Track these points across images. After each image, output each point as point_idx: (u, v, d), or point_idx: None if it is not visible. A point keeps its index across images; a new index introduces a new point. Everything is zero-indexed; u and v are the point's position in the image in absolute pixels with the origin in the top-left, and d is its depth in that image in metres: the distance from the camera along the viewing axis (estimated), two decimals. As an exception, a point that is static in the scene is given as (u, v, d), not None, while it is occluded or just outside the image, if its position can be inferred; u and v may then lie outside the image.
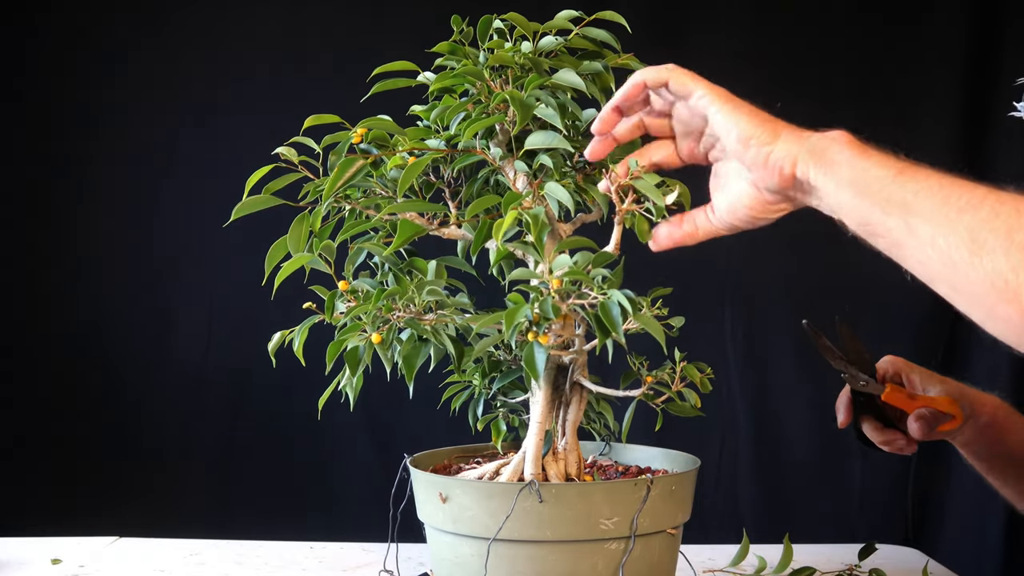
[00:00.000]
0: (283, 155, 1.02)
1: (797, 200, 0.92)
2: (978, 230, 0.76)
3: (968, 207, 0.77)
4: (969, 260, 0.76)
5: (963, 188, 0.79)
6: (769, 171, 0.89)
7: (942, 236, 0.78)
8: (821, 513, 2.08)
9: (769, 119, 0.91)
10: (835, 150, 0.87)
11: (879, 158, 0.85)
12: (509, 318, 0.91)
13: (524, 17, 1.03)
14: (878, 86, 2.09)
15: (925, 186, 0.81)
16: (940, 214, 0.78)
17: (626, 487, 0.99)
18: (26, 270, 2.08)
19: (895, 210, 0.81)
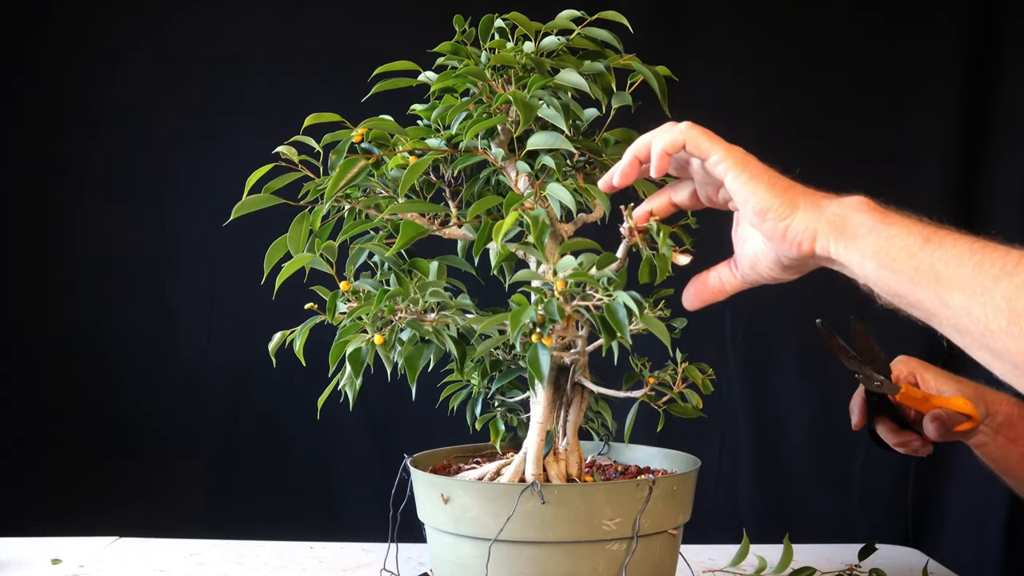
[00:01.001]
0: (283, 154, 1.02)
1: (820, 265, 0.90)
2: (1016, 298, 0.74)
3: (1003, 274, 0.75)
4: (1007, 329, 0.74)
5: (995, 253, 0.77)
6: (787, 245, 0.87)
7: (978, 306, 0.76)
8: (821, 513, 2.08)
9: (787, 187, 0.89)
10: (857, 220, 0.84)
11: (903, 225, 0.82)
12: (515, 320, 0.91)
13: (526, 17, 1.03)
14: (879, 85, 2.09)
15: (955, 254, 0.79)
16: (974, 283, 0.76)
17: (628, 488, 0.99)
18: (26, 270, 2.08)
19: (925, 280, 0.79)
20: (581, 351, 1.05)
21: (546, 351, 0.93)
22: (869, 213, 0.84)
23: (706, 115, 2.21)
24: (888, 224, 0.82)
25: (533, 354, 0.93)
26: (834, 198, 0.87)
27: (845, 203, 0.86)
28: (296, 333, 1.05)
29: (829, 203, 0.86)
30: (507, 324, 0.94)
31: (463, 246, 1.12)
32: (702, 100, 2.07)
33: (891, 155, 2.09)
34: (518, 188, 1.03)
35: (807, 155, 2.09)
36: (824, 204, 0.86)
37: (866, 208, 0.84)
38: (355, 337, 0.96)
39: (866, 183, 2.22)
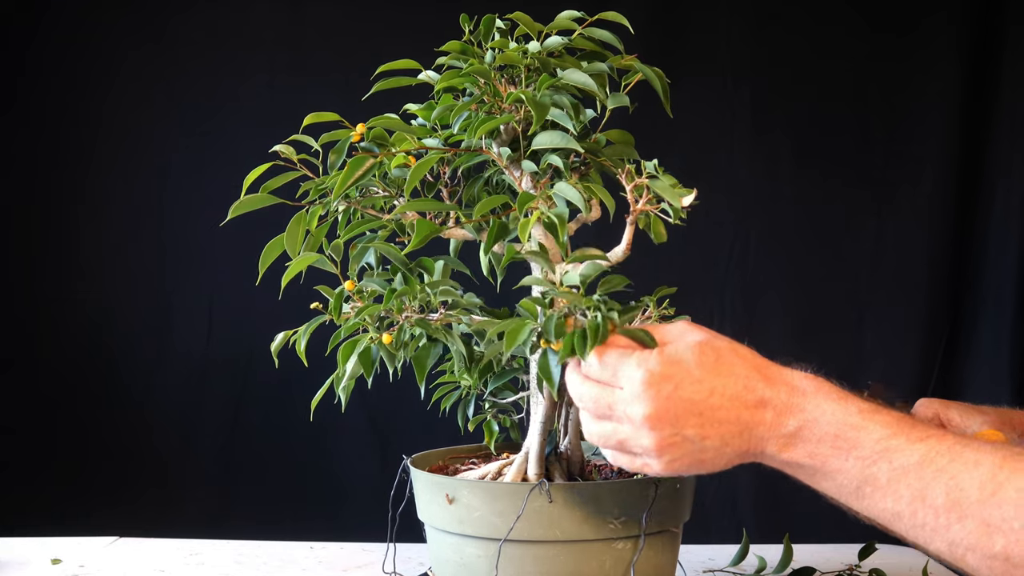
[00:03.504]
0: (282, 153, 1.02)
1: None
2: (956, 545, 0.80)
3: (938, 527, 0.81)
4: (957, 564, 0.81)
5: (936, 502, 0.81)
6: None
7: (930, 544, 0.82)
8: (821, 513, 2.07)
9: (728, 463, 0.89)
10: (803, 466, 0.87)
11: (843, 467, 0.85)
12: (511, 337, 0.89)
13: (529, 17, 1.03)
14: (877, 87, 2.09)
15: (891, 506, 0.84)
16: (920, 528, 0.82)
17: (634, 487, 0.99)
18: (25, 270, 2.07)
19: (875, 515, 0.85)
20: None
21: (556, 357, 0.92)
22: (802, 464, 0.86)
23: (704, 114, 2.23)
24: (824, 475, 0.85)
25: (544, 361, 0.92)
26: (763, 447, 0.87)
27: (776, 459, 0.87)
28: (300, 333, 1.05)
29: (763, 458, 0.88)
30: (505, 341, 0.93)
31: (456, 246, 1.12)
32: (701, 101, 2.07)
33: (891, 154, 2.09)
34: (522, 187, 1.03)
35: (806, 155, 2.10)
36: (761, 458, 0.88)
37: (795, 464, 0.86)
38: (363, 336, 0.96)
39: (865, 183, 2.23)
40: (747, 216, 2.10)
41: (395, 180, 1.05)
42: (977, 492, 0.78)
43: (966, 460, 0.80)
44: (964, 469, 0.79)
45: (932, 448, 0.81)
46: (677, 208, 0.95)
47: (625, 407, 0.86)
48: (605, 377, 0.88)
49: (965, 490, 0.79)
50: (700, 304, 2.07)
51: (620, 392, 0.86)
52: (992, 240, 2.06)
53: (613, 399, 0.87)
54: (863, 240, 2.10)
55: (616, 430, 0.87)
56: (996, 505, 0.77)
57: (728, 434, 0.86)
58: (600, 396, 0.88)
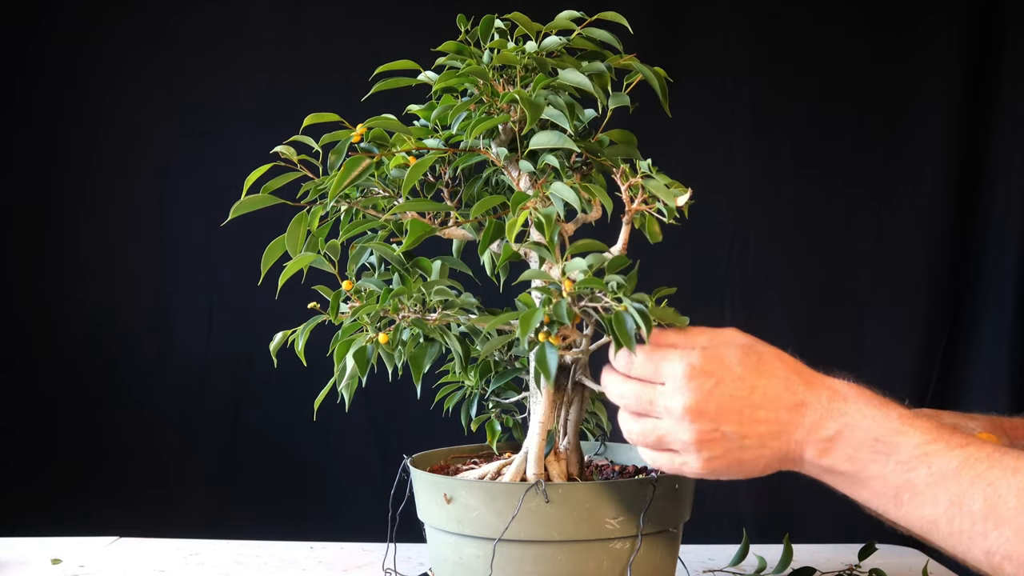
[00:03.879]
0: (282, 154, 1.02)
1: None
2: (993, 553, 0.80)
3: (975, 534, 0.81)
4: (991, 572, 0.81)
5: (973, 504, 0.81)
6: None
7: (959, 554, 0.82)
8: (821, 513, 2.07)
9: (766, 467, 0.90)
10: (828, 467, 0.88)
11: (877, 478, 0.86)
12: (525, 322, 0.90)
13: (527, 17, 1.03)
14: (877, 87, 2.09)
15: (930, 513, 0.83)
16: (959, 536, 0.82)
17: (632, 487, 0.99)
18: (25, 270, 2.08)
19: (910, 526, 0.86)
20: (584, 350, 1.05)
21: (554, 350, 0.93)
22: (839, 471, 0.87)
23: (703, 114, 2.23)
24: (861, 484, 0.87)
25: (541, 353, 0.93)
26: (802, 451, 0.88)
27: (814, 464, 0.88)
28: (298, 333, 1.05)
29: (801, 463, 0.89)
30: (512, 324, 0.94)
31: (458, 246, 1.12)
32: (700, 100, 2.07)
33: (891, 154, 2.09)
34: (520, 187, 1.03)
35: (806, 155, 2.10)
36: (798, 464, 0.89)
37: (832, 470, 0.87)
38: (360, 336, 0.96)
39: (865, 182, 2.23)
40: (747, 216, 2.10)
41: (395, 180, 1.05)
42: (1015, 499, 0.78)
43: (1005, 467, 0.79)
44: (1003, 476, 0.79)
45: (971, 455, 0.81)
46: (672, 208, 0.95)
47: (666, 401, 0.87)
48: (647, 373, 0.89)
49: (1003, 497, 0.78)
50: (700, 304, 2.07)
51: (662, 387, 0.88)
52: (992, 240, 2.06)
53: (654, 394, 0.88)
54: (863, 240, 2.10)
55: (656, 426, 0.89)
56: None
57: (767, 434, 0.86)
58: (642, 392, 0.89)
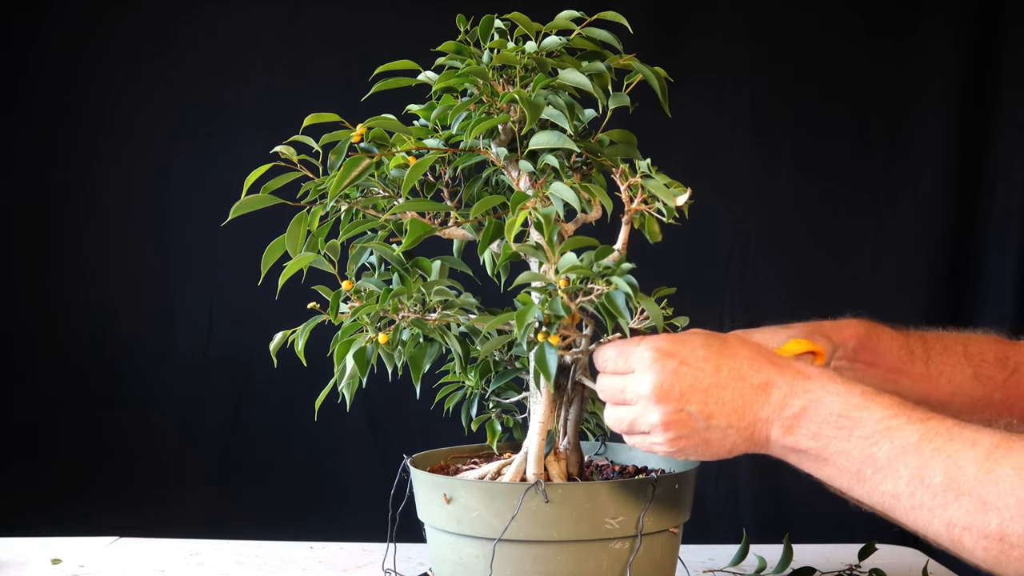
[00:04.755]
0: (282, 154, 1.02)
1: None
2: (954, 525, 0.82)
3: (937, 505, 0.82)
4: (952, 548, 0.84)
5: (935, 479, 0.82)
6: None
7: (920, 528, 0.84)
8: (821, 513, 2.08)
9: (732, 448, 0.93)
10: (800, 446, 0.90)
11: (841, 454, 0.87)
12: (520, 319, 0.91)
13: (527, 17, 1.03)
14: (877, 88, 2.09)
15: (891, 488, 0.85)
16: (919, 509, 0.83)
17: (631, 486, 0.99)
18: (27, 270, 2.08)
19: (877, 500, 0.87)
20: (583, 350, 1.05)
21: (553, 350, 0.94)
22: (804, 449, 0.88)
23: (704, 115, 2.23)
24: (824, 461, 0.88)
25: (540, 353, 0.94)
26: (768, 430, 0.90)
27: (779, 443, 0.90)
28: (298, 333, 1.05)
29: (767, 443, 0.92)
30: (511, 324, 0.94)
31: (459, 246, 1.12)
32: (701, 101, 2.07)
33: (891, 155, 2.09)
34: (519, 187, 1.03)
35: (806, 156, 2.10)
36: (764, 445, 0.92)
37: (797, 448, 0.89)
38: (359, 336, 0.96)
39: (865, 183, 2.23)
40: (747, 216, 2.10)
41: (395, 180, 1.05)
42: (974, 470, 0.79)
43: (964, 439, 0.81)
44: (962, 448, 0.80)
45: (931, 428, 0.82)
46: (671, 207, 0.95)
47: (635, 386, 0.90)
48: (620, 366, 0.93)
49: (962, 468, 0.79)
50: (700, 304, 2.07)
51: (631, 375, 0.91)
52: (992, 240, 2.06)
53: (625, 383, 0.92)
54: (863, 241, 2.10)
55: (627, 412, 0.92)
56: (992, 483, 0.77)
57: (732, 413, 0.89)
58: (615, 383, 0.93)
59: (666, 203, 0.96)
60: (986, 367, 1.15)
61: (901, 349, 1.15)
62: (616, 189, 1.00)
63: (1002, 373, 1.15)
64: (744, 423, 0.89)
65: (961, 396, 1.15)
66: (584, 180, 1.04)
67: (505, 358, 1.14)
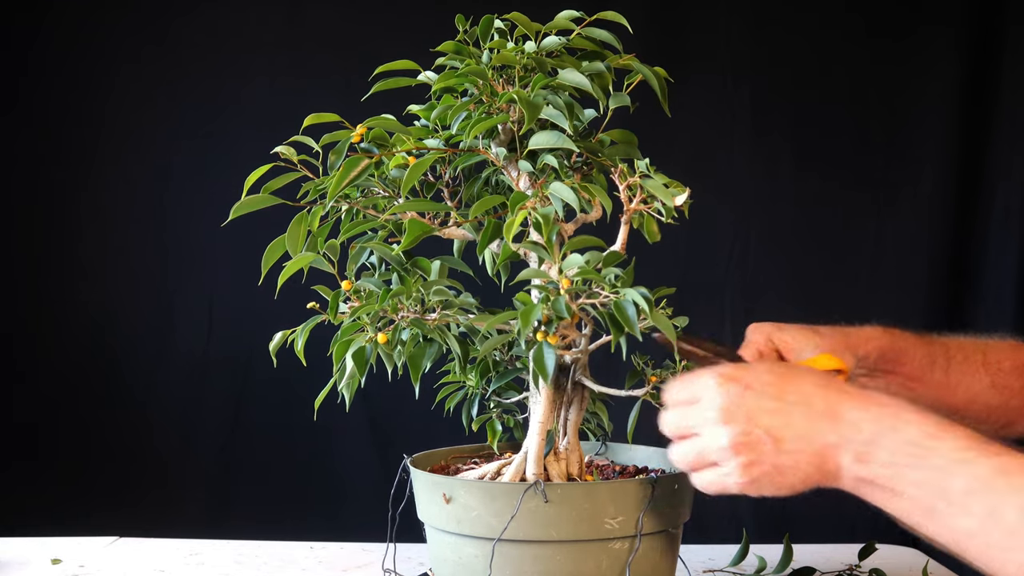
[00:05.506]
0: (282, 154, 1.02)
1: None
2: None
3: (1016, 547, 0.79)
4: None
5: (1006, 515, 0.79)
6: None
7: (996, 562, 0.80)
8: (821, 513, 2.08)
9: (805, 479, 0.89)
10: (867, 492, 0.87)
11: (910, 493, 0.84)
12: (525, 318, 0.91)
13: (527, 17, 1.03)
14: (877, 88, 2.09)
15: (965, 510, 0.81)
16: (989, 550, 0.80)
17: (631, 487, 0.99)
18: (27, 270, 2.08)
19: (943, 539, 0.84)
20: (583, 350, 1.06)
21: (551, 349, 0.94)
22: (875, 481, 0.85)
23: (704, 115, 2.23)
24: (895, 494, 0.84)
25: (539, 353, 0.94)
26: (838, 460, 0.86)
27: (851, 474, 0.86)
28: (297, 333, 1.05)
29: (838, 475, 0.87)
30: (511, 324, 0.94)
31: (459, 246, 1.12)
32: (701, 100, 2.07)
33: (891, 155, 2.09)
34: (519, 187, 1.03)
35: (806, 156, 2.10)
36: (835, 477, 0.88)
37: (869, 479, 0.85)
38: (359, 336, 0.96)
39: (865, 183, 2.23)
40: (747, 216, 2.10)
41: (394, 180, 1.05)
42: None
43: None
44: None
45: (1005, 463, 0.80)
46: (670, 207, 0.95)
47: (703, 413, 0.89)
48: (684, 397, 0.92)
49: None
50: (700, 304, 2.07)
51: (697, 405, 0.90)
52: (992, 240, 2.06)
53: (691, 412, 0.91)
54: (863, 240, 2.10)
55: (695, 443, 0.90)
56: None
57: (801, 439, 0.86)
58: (682, 415, 0.92)
59: (665, 203, 0.95)
60: (1003, 376, 1.14)
61: (924, 358, 1.12)
62: (616, 189, 1.00)
63: (1019, 381, 1.14)
64: (813, 448, 0.86)
65: (978, 404, 1.13)
66: (584, 180, 1.04)
67: (505, 358, 1.14)
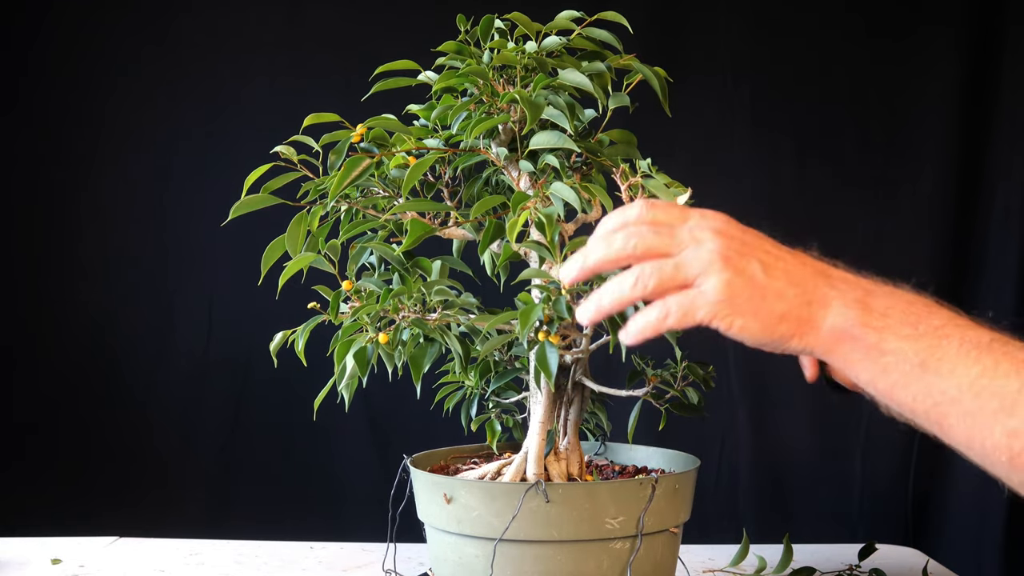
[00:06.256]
0: (282, 154, 1.02)
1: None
2: (1015, 437, 0.74)
3: (1001, 410, 0.75)
4: (1008, 464, 0.76)
5: (996, 382, 0.75)
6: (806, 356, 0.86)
7: (977, 440, 0.76)
8: (821, 513, 2.08)
9: (780, 317, 0.81)
10: (848, 350, 0.81)
11: (897, 345, 0.79)
12: (524, 318, 0.91)
13: (527, 17, 1.03)
14: (877, 88, 2.09)
15: (954, 384, 0.77)
16: (974, 417, 0.76)
17: (632, 486, 0.99)
18: (27, 270, 2.08)
19: (923, 409, 0.78)
20: (583, 350, 1.06)
21: (554, 349, 0.94)
22: (862, 335, 0.80)
23: (704, 115, 2.23)
24: (881, 351, 0.79)
25: (541, 353, 0.94)
26: (827, 303, 0.82)
27: (838, 323, 0.81)
28: (298, 333, 1.05)
29: (822, 321, 0.82)
30: (512, 324, 0.94)
31: (459, 246, 1.12)
32: (700, 101, 2.07)
33: (891, 154, 2.09)
34: (520, 187, 1.03)
35: (806, 155, 2.10)
36: (818, 322, 0.82)
37: (858, 329, 0.80)
38: (360, 336, 0.96)
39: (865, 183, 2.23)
40: (747, 216, 2.09)
41: (395, 180, 1.05)
42: None
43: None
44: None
45: (1003, 336, 0.77)
46: None
47: (692, 227, 0.81)
48: (661, 217, 0.83)
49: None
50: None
51: (685, 224, 0.82)
52: (992, 240, 2.06)
53: (673, 232, 0.82)
54: (863, 240, 2.10)
55: (667, 262, 0.80)
56: None
57: (794, 276, 0.82)
58: (655, 232, 0.81)
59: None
60: None
61: None
62: (616, 189, 1.00)
63: None
64: (803, 289, 0.81)
65: None
66: (584, 180, 1.04)
67: (505, 358, 1.14)
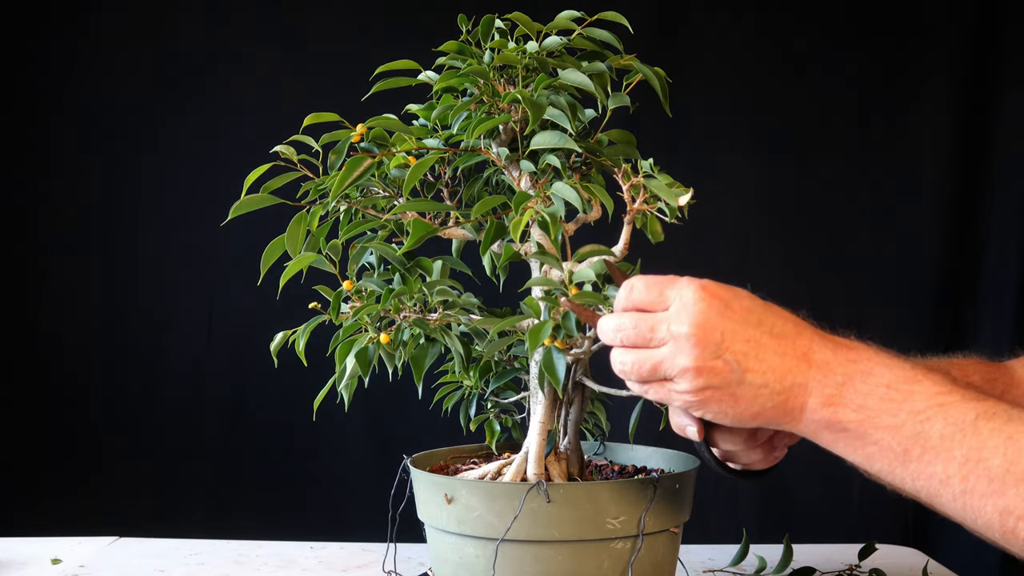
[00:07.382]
0: (282, 153, 1.02)
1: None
2: (1008, 514, 0.76)
3: (991, 492, 0.76)
4: (1003, 539, 0.77)
5: (982, 465, 0.75)
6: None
7: (970, 520, 0.77)
8: (821, 513, 2.08)
9: (756, 413, 0.82)
10: (830, 438, 0.82)
11: (881, 438, 0.79)
12: (534, 336, 0.90)
13: (528, 17, 1.03)
14: (879, 86, 2.09)
15: (941, 470, 0.77)
16: (963, 503, 0.77)
17: (633, 486, 0.99)
18: (27, 270, 2.08)
19: (915, 492, 0.80)
20: (585, 351, 1.06)
21: (560, 355, 0.93)
22: (841, 428, 0.80)
23: (704, 115, 2.23)
24: (864, 442, 0.79)
25: (547, 357, 0.94)
26: (804, 397, 0.81)
27: (815, 417, 0.81)
28: (299, 333, 1.05)
29: (800, 415, 0.82)
30: (517, 327, 0.94)
31: (458, 246, 1.12)
32: (700, 101, 2.07)
33: (891, 153, 2.10)
34: (520, 187, 1.03)
35: (806, 155, 2.10)
36: (796, 415, 0.82)
37: (837, 424, 0.80)
38: (361, 336, 0.96)
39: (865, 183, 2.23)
40: (747, 216, 2.10)
41: (395, 180, 1.05)
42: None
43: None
44: (1022, 430, 0.74)
45: (989, 408, 0.76)
46: (673, 207, 0.95)
47: (669, 324, 0.81)
48: (650, 300, 0.83)
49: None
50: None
51: (664, 313, 0.82)
52: (992, 240, 2.06)
53: (655, 320, 0.82)
54: (863, 241, 2.10)
55: (651, 354, 0.82)
56: None
57: (771, 372, 0.80)
58: (641, 320, 0.83)
59: (668, 203, 0.96)
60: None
61: None
62: (616, 189, 1.00)
63: (992, 394, 1.14)
64: (781, 386, 0.80)
65: None
66: (583, 180, 1.04)
67: (504, 358, 1.14)
